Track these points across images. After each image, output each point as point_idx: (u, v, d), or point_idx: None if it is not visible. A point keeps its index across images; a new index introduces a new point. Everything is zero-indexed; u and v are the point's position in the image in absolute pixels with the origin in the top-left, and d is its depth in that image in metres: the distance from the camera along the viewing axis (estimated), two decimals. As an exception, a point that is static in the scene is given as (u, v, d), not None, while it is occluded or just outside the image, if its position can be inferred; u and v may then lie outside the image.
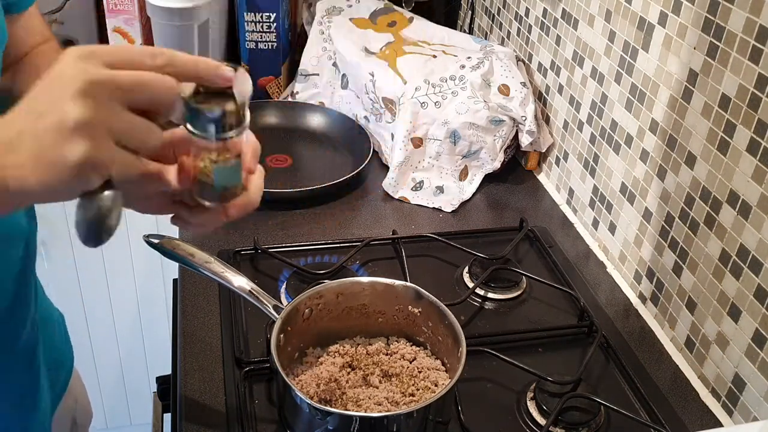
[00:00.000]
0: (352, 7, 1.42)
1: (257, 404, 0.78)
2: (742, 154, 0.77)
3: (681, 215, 0.89)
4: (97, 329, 1.52)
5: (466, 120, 1.15)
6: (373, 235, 1.06)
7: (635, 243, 0.99)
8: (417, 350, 0.81)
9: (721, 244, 0.81)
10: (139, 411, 1.64)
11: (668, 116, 0.90)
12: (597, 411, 0.78)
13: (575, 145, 1.14)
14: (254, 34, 1.37)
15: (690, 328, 0.88)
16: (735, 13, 0.77)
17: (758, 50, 0.74)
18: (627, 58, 0.98)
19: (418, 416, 0.69)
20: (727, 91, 0.79)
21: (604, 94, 1.04)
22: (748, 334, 0.78)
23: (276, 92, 1.44)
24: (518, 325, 0.93)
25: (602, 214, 1.07)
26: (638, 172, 0.97)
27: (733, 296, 0.80)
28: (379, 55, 1.28)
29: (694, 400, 0.84)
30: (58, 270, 1.41)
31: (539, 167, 1.28)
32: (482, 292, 0.96)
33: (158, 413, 0.97)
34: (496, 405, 0.81)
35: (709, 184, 0.83)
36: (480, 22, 1.55)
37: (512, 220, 1.12)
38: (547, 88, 1.24)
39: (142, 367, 1.58)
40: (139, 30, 1.26)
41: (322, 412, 0.68)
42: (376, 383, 0.76)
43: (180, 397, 0.80)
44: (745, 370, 0.79)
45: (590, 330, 0.91)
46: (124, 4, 1.24)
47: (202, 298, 0.94)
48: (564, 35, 1.16)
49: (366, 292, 0.81)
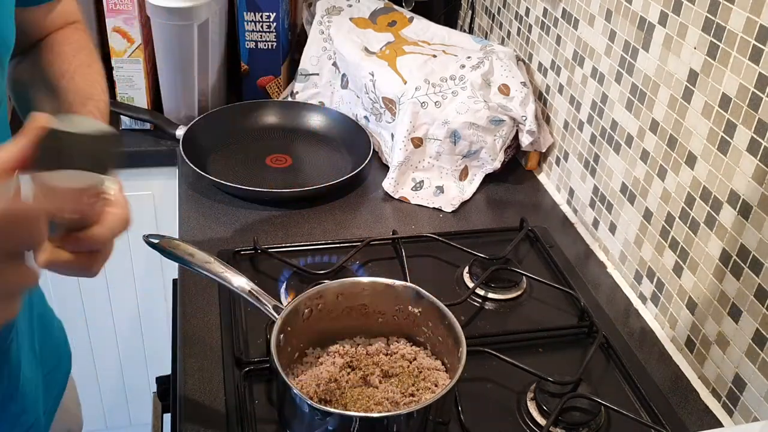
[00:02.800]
0: (352, 6, 1.41)
1: (257, 404, 0.78)
2: (743, 154, 0.77)
3: (681, 215, 0.88)
4: (97, 329, 1.51)
5: (466, 120, 1.15)
6: (373, 235, 1.06)
7: (635, 243, 0.99)
8: (417, 350, 0.81)
9: (722, 244, 0.81)
10: (138, 411, 1.64)
11: (668, 116, 0.90)
12: (597, 411, 0.78)
13: (575, 145, 1.14)
14: (254, 33, 1.37)
15: (690, 328, 0.88)
16: (735, 12, 0.77)
17: (758, 50, 0.74)
18: (627, 58, 0.98)
19: (418, 416, 0.69)
20: (727, 91, 0.79)
21: (604, 93, 1.04)
22: (748, 334, 0.77)
23: (276, 92, 1.44)
24: (518, 325, 0.93)
25: (602, 214, 1.07)
26: (638, 172, 0.97)
27: (733, 296, 0.80)
28: (379, 55, 1.28)
29: (694, 401, 0.84)
30: (57, 270, 1.41)
31: (539, 167, 1.28)
32: (482, 292, 0.96)
33: (158, 413, 0.97)
34: (496, 405, 0.81)
35: (709, 184, 0.83)
36: (480, 21, 1.55)
37: (512, 220, 1.12)
38: (547, 87, 1.23)
39: (142, 367, 1.58)
40: (139, 30, 1.26)
41: (321, 412, 0.68)
42: (376, 383, 0.76)
43: (180, 398, 0.80)
44: (745, 370, 0.78)
45: (590, 330, 0.91)
46: (123, 4, 1.24)
47: (202, 298, 0.94)
48: (564, 35, 1.16)
49: (366, 292, 0.81)
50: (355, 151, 1.26)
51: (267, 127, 1.34)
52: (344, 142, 1.30)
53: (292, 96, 1.41)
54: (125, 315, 1.52)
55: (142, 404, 1.60)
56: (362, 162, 1.20)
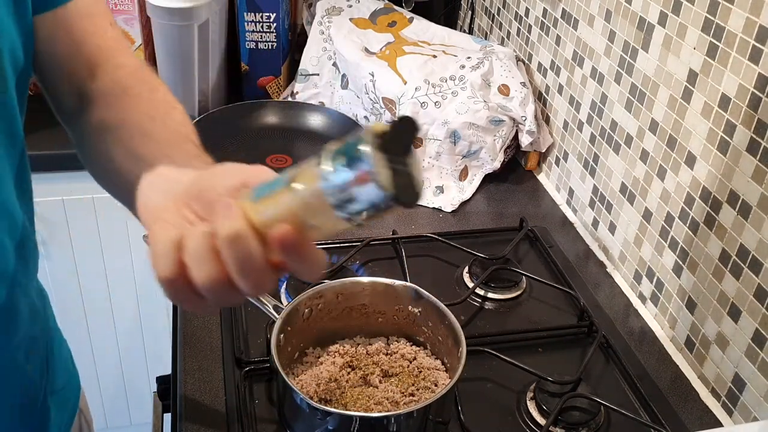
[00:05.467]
0: (352, 7, 1.42)
1: (257, 404, 0.78)
2: (742, 154, 0.77)
3: (681, 215, 0.88)
4: (97, 329, 1.51)
5: (466, 120, 1.15)
6: (373, 235, 1.06)
7: (635, 243, 0.99)
8: (417, 350, 0.81)
9: (721, 244, 0.81)
10: (139, 411, 1.64)
11: (668, 116, 0.90)
12: (597, 411, 0.78)
13: (575, 145, 1.14)
14: (254, 34, 1.37)
15: (690, 328, 0.88)
16: (735, 13, 0.77)
17: (758, 50, 0.74)
18: (627, 58, 0.98)
19: (418, 416, 0.69)
20: (727, 91, 0.79)
21: (604, 94, 1.04)
22: (748, 334, 0.78)
23: (276, 92, 1.44)
24: (518, 325, 0.93)
25: (602, 214, 1.07)
26: (638, 172, 0.97)
27: (733, 296, 0.80)
28: (379, 55, 1.28)
29: (694, 400, 0.84)
30: (58, 270, 1.41)
31: (539, 167, 1.28)
32: (482, 292, 0.96)
33: (158, 413, 0.97)
34: (496, 405, 0.81)
35: (709, 184, 0.83)
36: (480, 22, 1.55)
37: (512, 220, 1.12)
38: (547, 88, 1.24)
39: (142, 367, 1.58)
40: (139, 30, 1.26)
41: (322, 412, 0.68)
42: (376, 383, 0.76)
43: (180, 397, 0.80)
44: (745, 370, 0.79)
45: (590, 330, 0.91)
46: (124, 4, 1.24)
47: (202, 298, 0.94)
48: (564, 35, 1.16)
49: (366, 292, 0.81)
50: (355, 151, 1.26)
51: (267, 127, 1.34)
52: (344, 142, 1.30)
53: (292, 96, 1.41)
54: (125, 315, 1.52)
55: (142, 404, 1.60)
56: (362, 162, 1.20)
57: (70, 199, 1.34)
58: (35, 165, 0.68)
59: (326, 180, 0.39)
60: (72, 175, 1.29)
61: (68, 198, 1.34)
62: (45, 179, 1.28)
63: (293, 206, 0.42)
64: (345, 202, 0.39)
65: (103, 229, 1.39)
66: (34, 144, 1.28)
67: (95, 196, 1.34)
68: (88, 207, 1.36)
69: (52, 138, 1.21)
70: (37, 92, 0.70)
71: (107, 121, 0.65)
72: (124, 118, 0.64)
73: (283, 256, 0.44)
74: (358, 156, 0.38)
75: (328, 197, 0.39)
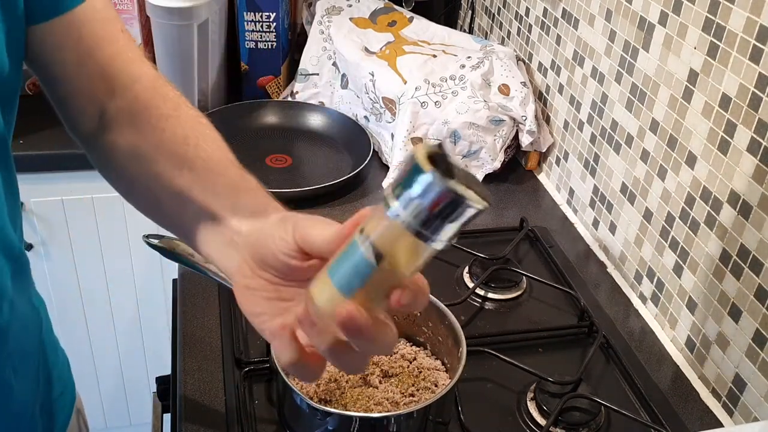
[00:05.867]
0: (352, 6, 1.41)
1: (257, 404, 0.78)
2: (743, 153, 0.77)
3: (681, 215, 0.88)
4: (97, 329, 1.51)
5: (466, 120, 1.15)
6: (373, 235, 1.06)
7: (635, 243, 0.99)
8: (417, 350, 0.81)
9: (722, 244, 0.81)
10: (138, 411, 1.64)
11: (668, 116, 0.90)
12: (597, 411, 0.78)
13: (575, 144, 1.14)
14: (254, 33, 1.37)
15: (690, 328, 0.88)
16: (735, 12, 0.77)
17: (759, 50, 0.74)
18: (627, 58, 0.98)
19: (418, 416, 0.69)
20: (727, 90, 0.79)
21: (604, 93, 1.04)
22: (748, 335, 0.77)
23: (276, 92, 1.44)
24: (518, 325, 0.93)
25: (602, 214, 1.07)
26: (638, 171, 0.97)
27: (733, 296, 0.80)
28: (379, 55, 1.28)
29: (694, 401, 0.84)
30: (57, 270, 1.41)
31: (539, 167, 1.28)
32: (482, 292, 0.96)
33: (158, 413, 0.97)
34: (496, 405, 0.81)
35: (709, 184, 0.83)
36: (480, 21, 1.55)
37: (512, 220, 1.12)
38: (547, 87, 1.23)
39: (142, 367, 1.58)
40: (139, 30, 1.26)
41: (322, 412, 0.68)
42: (376, 383, 0.76)
43: (180, 398, 0.80)
44: (745, 370, 0.78)
45: (590, 330, 0.91)
46: (123, 4, 1.24)
47: (201, 298, 0.94)
48: (564, 35, 1.16)
49: (366, 292, 0.80)
50: (355, 151, 1.26)
51: (267, 126, 1.34)
52: (344, 142, 1.30)
53: (292, 96, 1.41)
54: (125, 315, 1.52)
55: (142, 404, 1.60)
56: (362, 162, 1.20)
57: (69, 199, 1.34)
58: (35, 165, 0.67)
59: (414, 219, 0.38)
60: (71, 175, 1.29)
61: (67, 198, 1.34)
62: (45, 179, 1.27)
63: (393, 280, 0.41)
64: (435, 231, 0.38)
65: (103, 229, 1.39)
66: (34, 144, 1.29)
67: (94, 196, 1.34)
68: (88, 207, 1.35)
69: (52, 138, 1.22)
70: (36, 92, 0.69)
71: (139, 147, 0.62)
72: (157, 144, 0.62)
73: (351, 340, 0.44)
74: (428, 183, 0.37)
75: (422, 238, 0.38)
